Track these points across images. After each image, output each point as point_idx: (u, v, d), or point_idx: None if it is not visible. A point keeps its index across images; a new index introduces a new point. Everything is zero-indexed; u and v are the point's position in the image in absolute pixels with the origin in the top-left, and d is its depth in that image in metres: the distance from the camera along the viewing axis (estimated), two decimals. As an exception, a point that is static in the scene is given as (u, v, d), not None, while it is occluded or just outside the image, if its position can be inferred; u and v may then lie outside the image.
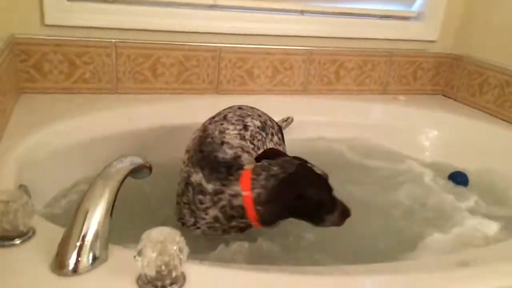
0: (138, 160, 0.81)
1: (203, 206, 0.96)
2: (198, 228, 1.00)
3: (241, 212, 0.94)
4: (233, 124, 1.13)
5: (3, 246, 0.72)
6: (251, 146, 1.10)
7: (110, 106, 1.49)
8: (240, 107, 1.23)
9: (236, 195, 0.93)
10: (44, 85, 1.50)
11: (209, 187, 0.95)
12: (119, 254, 0.73)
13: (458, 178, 1.44)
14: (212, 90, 1.68)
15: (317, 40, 1.75)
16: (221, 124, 1.12)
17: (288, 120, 1.54)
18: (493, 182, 1.42)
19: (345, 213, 0.96)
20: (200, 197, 0.97)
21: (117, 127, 1.45)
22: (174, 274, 0.66)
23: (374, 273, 0.84)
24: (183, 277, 0.69)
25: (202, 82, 1.66)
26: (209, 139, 1.06)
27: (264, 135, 1.17)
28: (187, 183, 1.00)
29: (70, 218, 0.71)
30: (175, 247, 0.65)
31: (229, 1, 1.62)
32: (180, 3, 1.59)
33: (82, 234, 0.69)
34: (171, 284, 0.66)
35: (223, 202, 0.94)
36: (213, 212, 0.96)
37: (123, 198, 0.76)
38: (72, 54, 1.49)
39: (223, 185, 0.94)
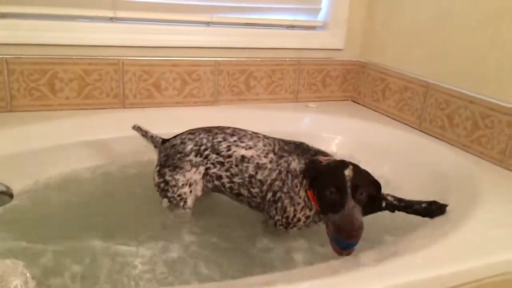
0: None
1: (297, 188, 1.09)
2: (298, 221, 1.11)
3: None
4: None
5: None
6: None
7: (4, 125, 1.42)
8: None
9: None
10: None
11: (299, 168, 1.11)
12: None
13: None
14: (118, 104, 1.64)
15: (224, 51, 1.76)
16: None
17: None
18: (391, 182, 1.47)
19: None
20: (296, 181, 1.10)
21: (13, 147, 1.38)
22: (18, 308, 0.62)
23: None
24: (33, 310, 0.65)
25: (106, 96, 1.61)
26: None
27: None
28: (288, 171, 1.11)
29: None
30: (16, 281, 0.61)
31: (130, 14, 1.60)
32: (78, 16, 1.54)
33: None
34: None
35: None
36: (302, 192, 1.09)
37: None
38: (-42, 71, 1.41)
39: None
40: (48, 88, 1.52)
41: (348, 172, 0.98)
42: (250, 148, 1.18)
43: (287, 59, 1.87)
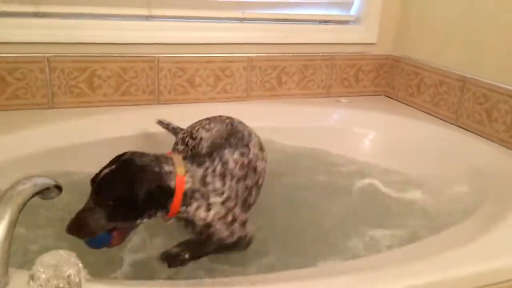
0: (42, 181, 0.80)
1: None
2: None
3: None
4: None
5: None
6: None
7: (46, 121, 1.47)
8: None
9: None
10: (-25, 103, 1.47)
11: None
12: (20, 278, 0.72)
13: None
14: (153, 100, 1.68)
15: (257, 47, 1.77)
16: None
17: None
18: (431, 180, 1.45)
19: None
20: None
21: (55, 143, 1.43)
22: (71, 297, 0.65)
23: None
24: (83, 299, 0.68)
25: (142, 93, 1.65)
26: None
27: None
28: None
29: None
30: (70, 270, 0.64)
31: (164, 11, 1.62)
32: (115, 15, 1.58)
33: (-20, 260, 0.68)
34: (69, 306, 0.66)
35: None
36: None
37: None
38: (3, 70, 1.46)
39: None
40: (87, 85, 1.57)
41: (105, 171, 0.89)
42: (208, 130, 1.18)
43: (320, 54, 1.86)
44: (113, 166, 0.89)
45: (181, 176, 0.91)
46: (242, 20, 1.74)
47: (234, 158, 1.00)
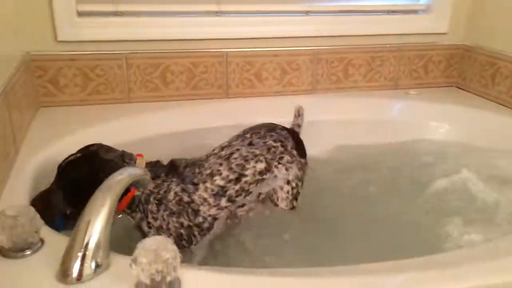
0: (137, 171, 0.86)
1: None
2: None
3: None
4: None
5: (14, 257, 0.78)
6: None
7: (124, 115, 1.55)
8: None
9: None
10: (60, 98, 1.57)
11: None
12: (120, 262, 0.78)
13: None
14: (222, 94, 1.72)
15: (323, 40, 1.76)
16: None
17: (300, 113, 1.40)
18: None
19: None
20: None
21: (131, 135, 1.51)
22: (168, 280, 0.70)
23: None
24: (178, 283, 0.73)
25: (211, 87, 1.70)
26: None
27: None
28: None
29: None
30: (167, 255, 0.69)
31: (233, 7, 1.66)
32: (186, 12, 1.63)
33: (85, 243, 0.74)
34: (166, 289, 0.70)
35: None
36: None
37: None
38: (85, 67, 1.56)
39: None
40: (160, 80, 1.64)
41: (70, 158, 1.00)
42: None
43: (387, 45, 1.82)
44: (79, 154, 0.99)
45: None
46: (308, 13, 1.74)
47: (176, 191, 1.03)
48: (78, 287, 0.73)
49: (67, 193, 0.97)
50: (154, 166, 1.05)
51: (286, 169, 1.19)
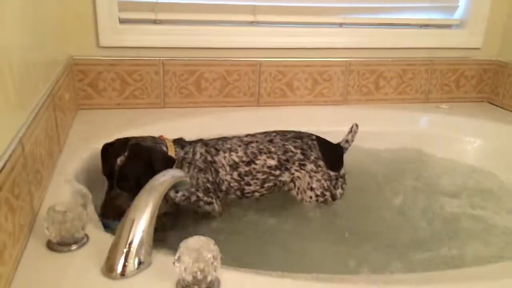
0: (179, 174, 0.89)
1: None
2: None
3: None
4: None
5: (61, 251, 0.82)
6: None
7: (159, 119, 1.59)
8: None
9: None
10: (99, 101, 1.63)
11: None
12: (162, 260, 0.81)
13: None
14: (253, 102, 1.75)
15: (355, 51, 1.78)
16: None
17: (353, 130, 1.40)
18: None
19: None
20: None
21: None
22: (209, 279, 0.72)
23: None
24: (218, 282, 0.75)
25: (243, 95, 1.74)
26: None
27: None
28: None
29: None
30: (209, 255, 0.71)
31: (269, 17, 1.69)
32: (222, 21, 1.68)
33: (129, 241, 0.78)
34: (206, 288, 0.73)
35: None
36: None
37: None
38: (124, 72, 1.62)
39: None
40: (195, 87, 1.68)
41: (119, 160, 1.06)
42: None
43: (419, 59, 1.83)
44: (126, 153, 1.06)
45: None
46: (341, 25, 1.77)
47: (201, 152, 1.20)
48: (122, 282, 0.76)
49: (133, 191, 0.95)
50: (180, 141, 1.23)
51: (310, 177, 1.27)
